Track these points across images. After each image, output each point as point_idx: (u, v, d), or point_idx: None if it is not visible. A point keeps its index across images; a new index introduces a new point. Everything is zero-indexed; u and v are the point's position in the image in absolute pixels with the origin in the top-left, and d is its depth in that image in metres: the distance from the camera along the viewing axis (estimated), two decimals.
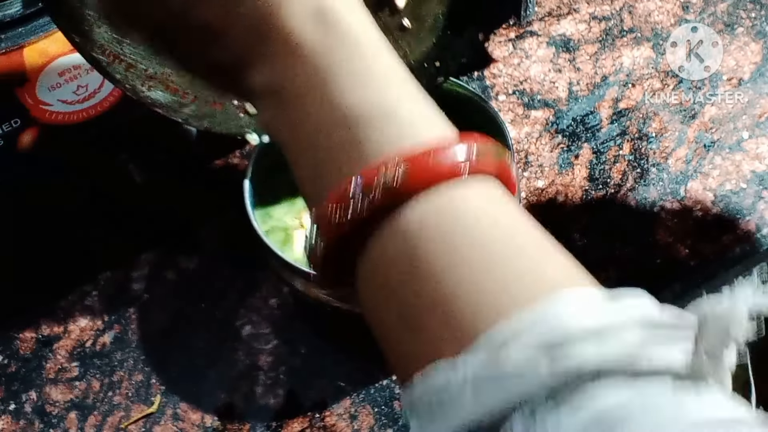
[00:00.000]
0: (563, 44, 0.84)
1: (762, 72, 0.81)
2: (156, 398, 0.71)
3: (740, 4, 0.84)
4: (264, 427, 0.69)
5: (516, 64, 0.83)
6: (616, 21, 0.85)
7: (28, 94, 0.73)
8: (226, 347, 0.72)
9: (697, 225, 0.74)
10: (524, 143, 0.79)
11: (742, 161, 0.77)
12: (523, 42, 0.84)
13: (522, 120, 0.80)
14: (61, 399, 0.71)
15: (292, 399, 0.70)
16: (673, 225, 0.74)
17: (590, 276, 0.40)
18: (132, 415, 0.70)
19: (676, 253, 0.73)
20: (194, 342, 0.73)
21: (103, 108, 0.72)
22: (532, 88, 0.82)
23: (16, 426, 0.70)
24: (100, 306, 0.75)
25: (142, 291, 0.75)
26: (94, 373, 0.72)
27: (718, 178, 0.76)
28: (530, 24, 0.85)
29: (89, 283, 0.76)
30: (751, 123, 0.79)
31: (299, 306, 0.74)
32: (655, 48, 0.83)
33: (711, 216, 0.74)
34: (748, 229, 0.73)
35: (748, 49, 0.82)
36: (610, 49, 0.83)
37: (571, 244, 0.74)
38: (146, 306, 0.75)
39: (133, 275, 0.76)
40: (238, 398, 0.70)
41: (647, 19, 0.85)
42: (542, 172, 0.77)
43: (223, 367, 0.72)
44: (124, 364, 0.72)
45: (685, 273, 0.72)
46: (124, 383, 0.72)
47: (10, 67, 0.75)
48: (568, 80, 0.82)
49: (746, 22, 0.83)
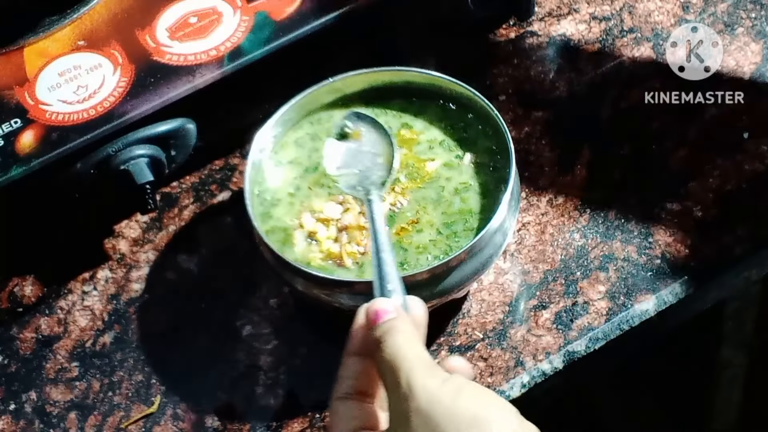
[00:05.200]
0: (563, 44, 0.84)
1: (762, 72, 0.81)
2: (156, 398, 0.71)
3: (740, 4, 0.84)
4: (264, 427, 0.69)
5: (516, 64, 0.83)
6: (616, 21, 0.85)
7: (28, 94, 0.73)
8: (226, 347, 0.72)
9: (697, 225, 0.74)
10: (524, 143, 0.79)
11: (742, 161, 0.77)
12: (523, 42, 0.84)
13: (522, 120, 0.80)
14: (61, 399, 0.71)
15: (292, 399, 0.70)
16: (673, 225, 0.74)
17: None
18: (132, 415, 0.70)
19: (677, 253, 0.73)
20: (194, 342, 0.73)
21: (103, 108, 0.72)
22: (532, 88, 0.82)
23: (16, 426, 0.70)
24: (100, 306, 0.75)
25: (142, 291, 0.75)
26: (94, 373, 0.72)
27: (718, 178, 0.76)
28: (530, 24, 0.85)
29: (89, 283, 0.76)
30: (751, 123, 0.79)
31: (299, 306, 0.74)
32: (655, 48, 0.83)
33: (711, 216, 0.74)
34: (748, 229, 0.73)
35: (748, 49, 0.82)
36: (610, 49, 0.83)
37: (571, 244, 0.74)
38: (146, 306, 0.75)
39: (133, 275, 0.76)
40: (238, 398, 0.70)
41: (647, 19, 0.85)
42: (542, 172, 0.77)
43: (223, 367, 0.72)
44: (124, 364, 0.72)
45: (685, 273, 0.72)
46: (124, 383, 0.72)
47: (10, 67, 0.75)
48: (568, 80, 0.82)
49: (746, 22, 0.83)
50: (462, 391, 0.51)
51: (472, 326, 0.71)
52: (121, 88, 0.73)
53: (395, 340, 0.53)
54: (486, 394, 0.51)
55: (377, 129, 0.69)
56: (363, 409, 0.55)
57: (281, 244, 0.68)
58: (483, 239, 0.65)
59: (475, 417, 0.49)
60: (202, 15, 0.76)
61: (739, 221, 0.74)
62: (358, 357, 0.56)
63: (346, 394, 0.55)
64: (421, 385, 0.51)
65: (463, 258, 0.65)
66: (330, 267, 0.67)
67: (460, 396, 0.50)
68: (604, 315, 0.71)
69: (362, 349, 0.56)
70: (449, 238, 0.68)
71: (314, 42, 0.75)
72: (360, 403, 0.55)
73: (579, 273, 0.73)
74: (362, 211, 0.69)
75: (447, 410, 0.50)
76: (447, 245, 0.68)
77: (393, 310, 0.55)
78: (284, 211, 0.70)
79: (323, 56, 0.76)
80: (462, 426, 0.49)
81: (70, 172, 0.70)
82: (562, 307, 0.71)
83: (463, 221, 0.68)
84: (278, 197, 0.71)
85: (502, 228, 0.67)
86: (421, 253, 0.67)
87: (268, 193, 0.71)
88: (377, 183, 0.66)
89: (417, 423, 0.50)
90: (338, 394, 0.56)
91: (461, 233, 0.68)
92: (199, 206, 0.79)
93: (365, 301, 0.66)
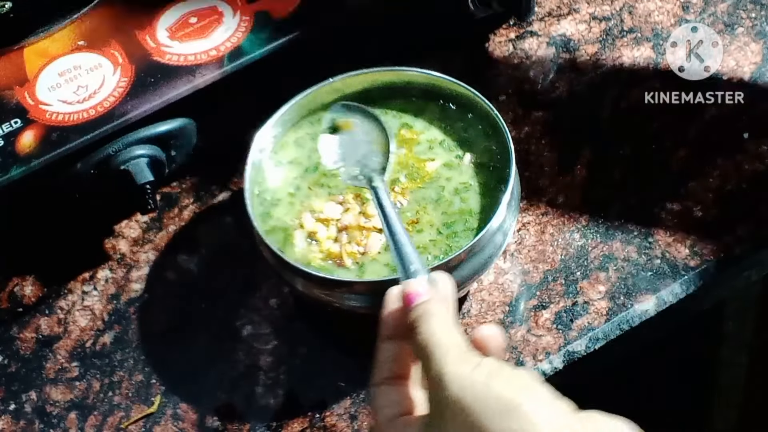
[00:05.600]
0: (563, 44, 0.84)
1: (762, 72, 0.81)
2: (156, 398, 0.71)
3: (740, 4, 0.84)
4: (264, 427, 0.69)
5: (516, 64, 0.83)
6: (616, 21, 0.85)
7: (28, 94, 0.73)
8: (226, 347, 0.72)
9: (697, 225, 0.74)
10: (524, 143, 0.79)
11: (742, 161, 0.77)
12: (523, 42, 0.84)
13: (522, 120, 0.80)
14: (61, 399, 0.71)
15: (292, 399, 0.70)
16: (673, 225, 0.74)
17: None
18: (132, 415, 0.70)
19: (676, 253, 0.73)
20: (194, 342, 0.73)
21: (103, 108, 0.72)
22: (532, 88, 0.82)
23: (16, 426, 0.70)
24: (100, 306, 0.75)
25: (142, 291, 0.75)
26: (94, 373, 0.72)
27: (718, 178, 0.76)
28: (530, 24, 0.85)
29: (89, 283, 0.76)
30: (751, 123, 0.79)
31: (299, 306, 0.74)
32: (655, 48, 0.83)
33: (711, 216, 0.74)
34: (748, 229, 0.73)
35: (748, 49, 0.82)
36: (610, 49, 0.83)
37: (571, 244, 0.74)
38: (146, 306, 0.75)
39: (133, 275, 0.76)
40: (238, 398, 0.70)
41: (647, 19, 0.85)
42: (542, 172, 0.78)
43: (223, 367, 0.72)
44: (124, 364, 0.72)
45: (685, 273, 0.72)
46: (124, 383, 0.72)
47: (10, 67, 0.75)
48: (568, 80, 0.82)
49: (746, 22, 0.83)
50: (493, 376, 0.50)
51: (473, 326, 0.71)
52: (121, 88, 0.73)
53: (429, 325, 0.53)
54: (518, 378, 0.50)
55: (367, 117, 0.69)
56: (403, 394, 0.55)
57: (281, 244, 0.68)
58: (483, 239, 0.65)
59: (508, 403, 0.49)
60: (202, 15, 0.76)
61: (739, 221, 0.74)
62: (392, 341, 0.56)
63: (385, 379, 0.55)
64: (452, 372, 0.50)
65: (463, 258, 0.65)
66: (330, 267, 0.67)
67: (492, 382, 0.50)
68: (604, 315, 0.71)
69: (396, 333, 0.56)
70: (449, 238, 0.68)
71: (314, 42, 0.75)
72: (399, 387, 0.55)
73: (579, 273, 0.73)
74: (362, 210, 0.69)
75: (479, 398, 0.49)
76: (447, 245, 0.68)
77: (425, 292, 0.55)
78: (284, 211, 0.70)
79: (323, 56, 0.76)
80: (495, 413, 0.49)
81: (70, 172, 0.71)
82: (562, 307, 0.71)
83: (463, 221, 0.68)
84: (278, 197, 0.71)
85: (502, 228, 0.67)
86: (421, 253, 0.67)
87: (268, 193, 0.71)
88: (378, 169, 0.66)
89: (451, 412, 0.50)
90: (377, 380, 0.56)
91: (461, 233, 0.68)
92: (199, 206, 0.79)
93: (365, 301, 0.66)
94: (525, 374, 0.51)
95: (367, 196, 0.70)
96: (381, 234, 0.68)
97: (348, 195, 0.70)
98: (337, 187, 0.71)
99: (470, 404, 0.49)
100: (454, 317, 0.55)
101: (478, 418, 0.49)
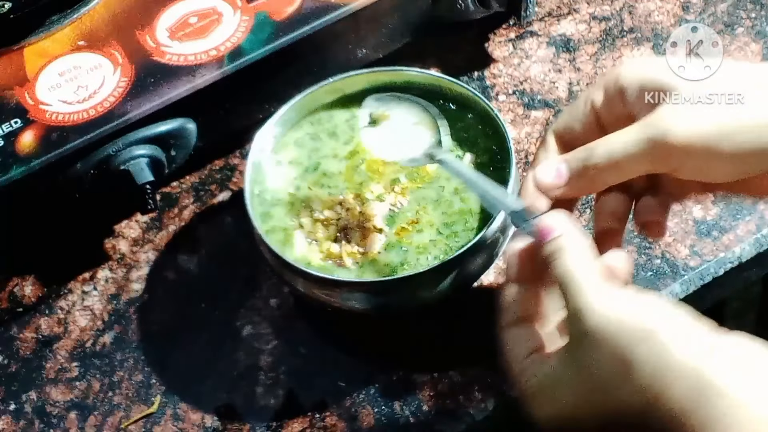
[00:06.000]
0: (563, 44, 0.84)
1: None
2: (156, 398, 0.71)
3: (740, 4, 0.84)
4: (264, 427, 0.69)
5: (516, 64, 0.83)
6: (616, 21, 0.85)
7: (28, 94, 0.73)
8: (226, 347, 0.72)
9: (697, 225, 0.74)
10: (524, 143, 0.79)
11: None
12: (523, 42, 0.84)
13: (522, 120, 0.80)
14: (61, 399, 0.71)
15: (292, 399, 0.70)
16: (673, 225, 0.74)
17: None
18: (132, 415, 0.70)
19: (676, 253, 0.73)
20: (194, 342, 0.73)
21: (103, 108, 0.72)
22: (532, 88, 0.82)
23: (16, 426, 0.70)
24: (100, 306, 0.75)
25: (142, 291, 0.75)
26: (94, 373, 0.72)
27: None
28: (530, 24, 0.85)
29: (89, 283, 0.76)
30: None
31: (299, 306, 0.74)
32: (655, 48, 0.83)
33: (711, 216, 0.74)
34: (748, 229, 0.73)
35: (748, 49, 0.82)
36: (610, 49, 0.83)
37: None
38: (146, 306, 0.75)
39: (133, 275, 0.76)
40: (238, 398, 0.70)
41: (647, 19, 0.85)
42: None
43: (223, 367, 0.72)
44: (124, 364, 0.72)
45: (685, 273, 0.72)
46: (124, 383, 0.72)
47: (10, 67, 0.75)
48: (568, 80, 0.82)
49: (746, 22, 0.83)
50: (631, 305, 0.51)
51: (472, 327, 0.71)
52: (121, 88, 0.73)
53: (563, 260, 0.54)
54: (652, 305, 0.51)
55: (401, 101, 0.70)
56: (531, 332, 0.56)
57: (281, 244, 0.68)
58: (483, 239, 0.65)
59: (645, 331, 0.50)
60: (202, 15, 0.76)
61: (738, 221, 0.74)
62: (517, 284, 0.57)
63: (512, 321, 0.57)
64: (591, 303, 0.51)
65: (463, 258, 0.65)
66: (330, 267, 0.67)
67: (629, 311, 0.51)
68: None
69: (521, 276, 0.57)
70: (449, 238, 0.68)
71: (314, 42, 0.75)
72: (527, 327, 0.56)
73: None
74: (362, 210, 0.69)
75: (617, 328, 0.50)
76: (447, 245, 0.68)
77: (558, 227, 0.56)
78: (284, 211, 0.70)
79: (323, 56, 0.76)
80: (633, 341, 0.49)
81: (70, 172, 0.70)
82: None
83: (463, 221, 0.68)
84: (278, 197, 0.71)
85: (502, 228, 0.67)
86: (421, 253, 0.67)
87: (268, 193, 0.71)
88: (434, 144, 0.67)
89: (589, 342, 0.51)
90: (504, 323, 0.57)
91: (461, 233, 0.68)
92: (199, 206, 0.79)
93: (365, 301, 0.66)
94: (662, 301, 0.52)
95: (367, 196, 0.70)
96: (381, 234, 0.68)
97: (348, 195, 0.70)
98: (337, 187, 0.71)
99: (609, 334, 0.50)
100: (588, 249, 0.55)
101: (617, 347, 0.50)
